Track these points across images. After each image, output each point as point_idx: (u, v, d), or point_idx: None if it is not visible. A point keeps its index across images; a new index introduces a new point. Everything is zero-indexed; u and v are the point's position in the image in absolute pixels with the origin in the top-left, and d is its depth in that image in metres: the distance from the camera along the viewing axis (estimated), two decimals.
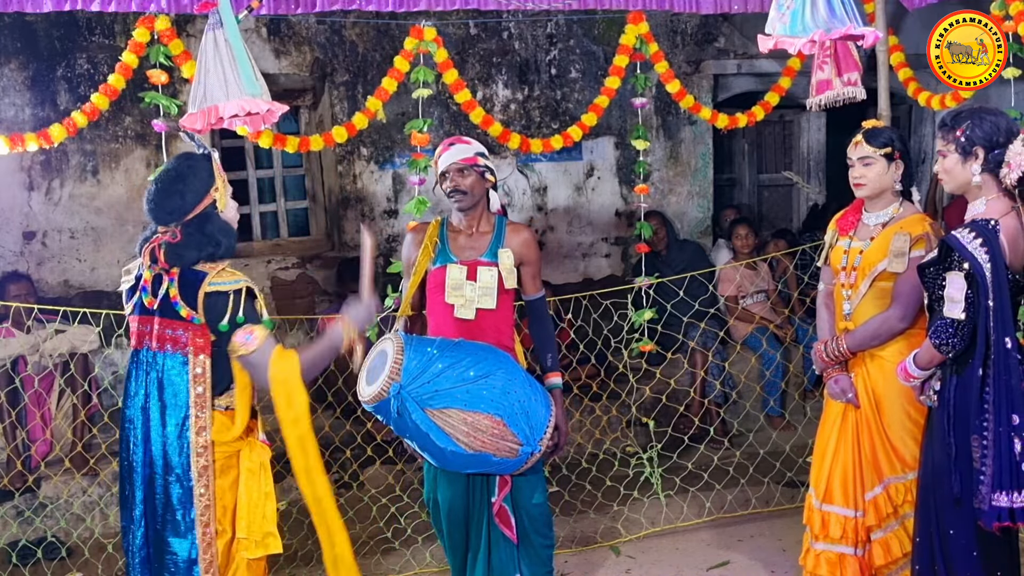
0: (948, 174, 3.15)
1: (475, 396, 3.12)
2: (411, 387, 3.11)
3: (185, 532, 2.83)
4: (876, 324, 3.47)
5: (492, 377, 3.17)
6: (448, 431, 3.13)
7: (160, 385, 2.85)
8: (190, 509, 2.82)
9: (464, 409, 3.12)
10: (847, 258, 3.58)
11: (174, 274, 2.82)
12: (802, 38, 3.35)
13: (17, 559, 4.75)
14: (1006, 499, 2.90)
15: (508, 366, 3.27)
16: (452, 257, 3.55)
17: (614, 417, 5.80)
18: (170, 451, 2.82)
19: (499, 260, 3.51)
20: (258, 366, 2.83)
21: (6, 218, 5.90)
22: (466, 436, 3.13)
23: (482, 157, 3.53)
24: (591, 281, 7.16)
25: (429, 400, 3.12)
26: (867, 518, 3.54)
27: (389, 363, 3.12)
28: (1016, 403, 2.91)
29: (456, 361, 3.16)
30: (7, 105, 5.81)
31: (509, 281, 3.52)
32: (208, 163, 2.94)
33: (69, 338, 5.10)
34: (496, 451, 3.17)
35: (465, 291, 3.49)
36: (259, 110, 3.35)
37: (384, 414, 3.18)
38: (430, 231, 3.60)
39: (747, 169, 8.17)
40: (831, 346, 3.57)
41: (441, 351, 3.19)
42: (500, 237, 3.56)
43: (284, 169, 6.89)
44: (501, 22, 6.82)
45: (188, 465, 2.82)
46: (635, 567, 4.56)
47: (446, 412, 3.12)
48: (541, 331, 3.64)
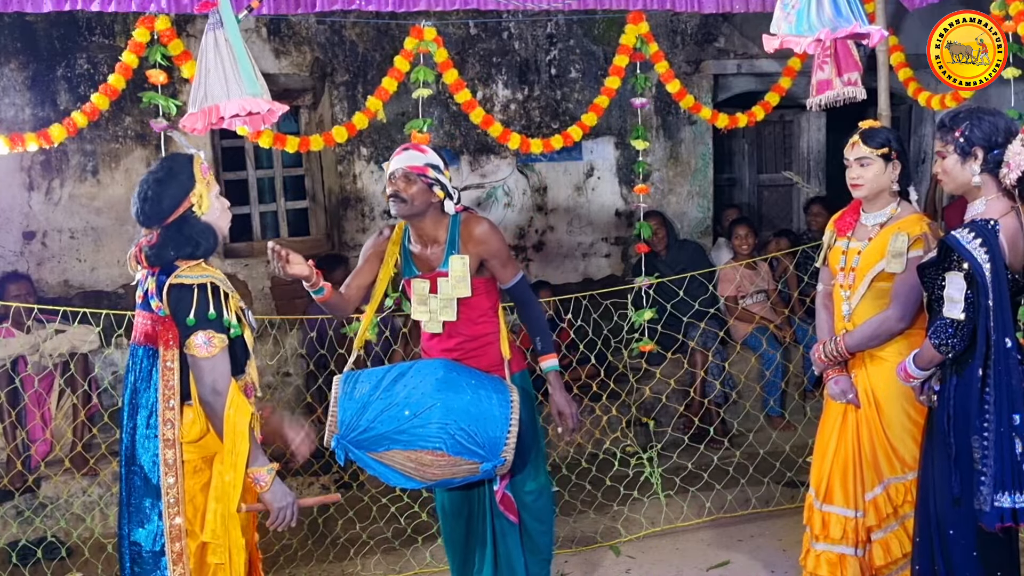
0: (947, 175, 3.15)
1: (413, 436, 3.21)
2: (350, 436, 3.22)
3: (148, 523, 2.81)
4: (875, 324, 3.46)
5: (430, 411, 3.22)
6: (398, 469, 3.25)
7: (135, 379, 2.87)
8: (157, 502, 2.80)
9: (405, 449, 3.22)
10: (845, 259, 3.58)
11: (156, 270, 2.84)
12: (808, 37, 3.34)
13: (17, 559, 4.75)
14: (1008, 500, 2.90)
15: (449, 391, 3.26)
16: (415, 270, 3.53)
17: (614, 417, 5.80)
18: (138, 442, 2.83)
19: (450, 269, 3.44)
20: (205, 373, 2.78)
21: (6, 218, 5.90)
22: (416, 471, 3.25)
23: (434, 169, 3.42)
24: (591, 281, 7.16)
25: (371, 445, 3.23)
26: (867, 518, 3.54)
27: (329, 413, 3.24)
28: (1017, 403, 2.91)
29: (390, 403, 3.23)
30: (7, 105, 5.81)
31: (461, 290, 3.44)
32: (190, 165, 2.90)
33: (69, 338, 5.10)
34: (453, 475, 3.28)
35: (430, 304, 3.48)
36: (260, 110, 3.35)
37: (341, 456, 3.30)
38: (394, 237, 3.56)
39: (747, 169, 8.17)
40: (830, 347, 3.57)
41: (377, 390, 3.26)
42: (454, 243, 3.47)
43: (284, 169, 6.89)
44: (501, 22, 6.82)
45: (156, 457, 2.80)
46: (635, 567, 4.56)
47: (389, 454, 3.23)
48: (528, 315, 3.60)
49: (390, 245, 3.56)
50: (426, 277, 3.49)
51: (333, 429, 3.22)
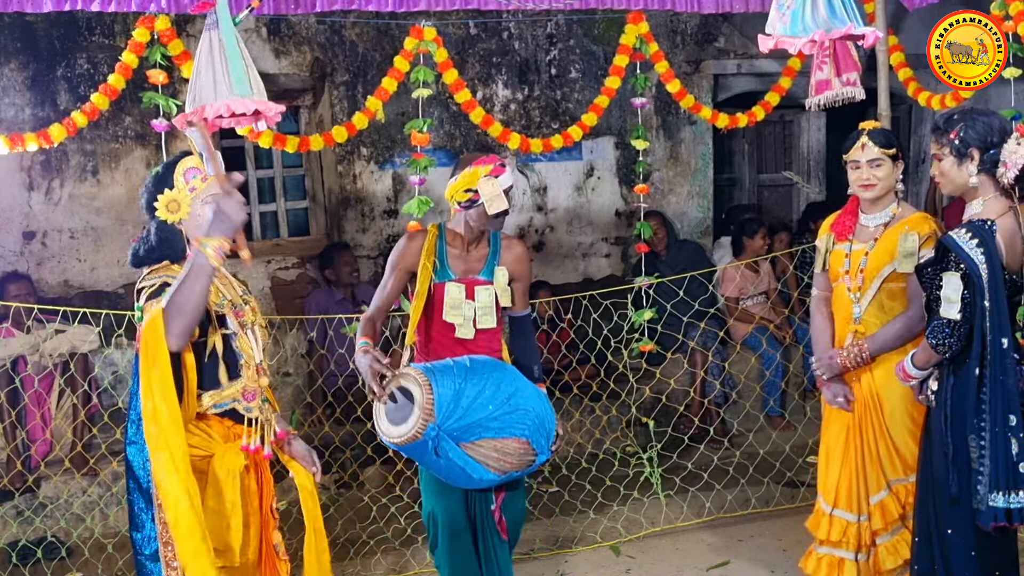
0: (945, 177, 3.15)
1: (504, 423, 3.18)
2: (447, 425, 3.12)
3: (141, 527, 2.79)
4: (898, 326, 3.42)
5: (514, 399, 3.21)
6: (480, 460, 3.18)
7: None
8: (149, 505, 2.76)
9: (495, 437, 3.17)
10: (850, 262, 3.54)
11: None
12: (803, 38, 3.34)
13: (17, 559, 4.75)
14: (1003, 499, 2.90)
15: (520, 381, 3.30)
16: (450, 274, 3.49)
17: (614, 417, 5.80)
18: (127, 447, 2.80)
19: (495, 279, 3.48)
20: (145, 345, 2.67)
21: (6, 218, 5.90)
22: (496, 461, 3.19)
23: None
24: (591, 281, 7.16)
25: (463, 435, 3.15)
26: (873, 522, 3.53)
27: (421, 402, 3.11)
28: (1013, 404, 2.92)
29: (481, 389, 3.18)
30: (7, 105, 5.81)
31: (504, 300, 3.50)
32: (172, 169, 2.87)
33: (69, 338, 5.10)
34: (520, 467, 3.25)
35: (464, 310, 3.45)
36: (245, 110, 3.31)
37: (413, 451, 3.19)
38: (428, 245, 3.50)
39: (747, 169, 8.17)
40: (854, 351, 3.49)
41: (464, 379, 3.19)
42: (496, 254, 3.53)
43: (284, 169, 6.89)
44: (501, 22, 6.82)
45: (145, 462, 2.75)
46: (635, 567, 4.56)
47: (479, 443, 3.17)
48: (527, 347, 3.66)
49: (424, 257, 3.50)
50: (463, 282, 3.47)
51: (430, 417, 3.09)
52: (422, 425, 3.09)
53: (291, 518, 4.87)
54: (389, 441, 3.19)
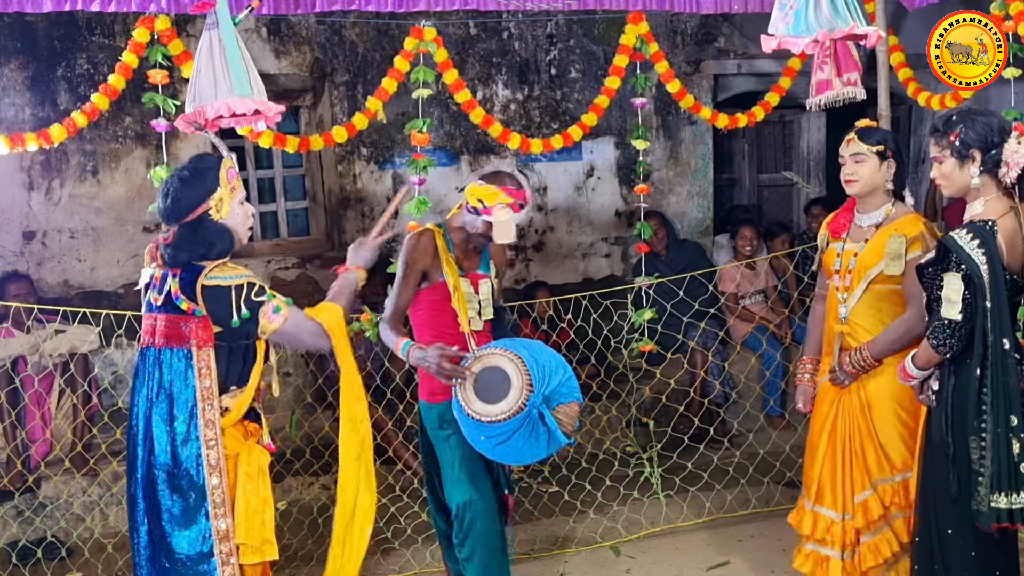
0: (946, 179, 3.14)
1: (569, 388, 3.37)
2: (545, 392, 3.29)
3: (193, 526, 2.82)
4: (897, 328, 3.42)
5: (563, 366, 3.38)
6: (559, 425, 3.35)
7: (163, 382, 2.86)
8: (203, 503, 2.81)
9: (566, 403, 3.36)
10: (840, 261, 3.57)
11: (176, 271, 2.85)
12: (806, 38, 3.34)
13: (17, 559, 4.75)
14: (1004, 500, 2.90)
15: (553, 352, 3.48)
16: (461, 270, 3.64)
17: (614, 417, 5.80)
18: (178, 446, 2.82)
19: (491, 272, 3.72)
20: (293, 334, 2.94)
21: (6, 218, 5.90)
22: (566, 426, 3.36)
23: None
24: (591, 281, 7.17)
25: (552, 400, 3.32)
26: (856, 521, 3.53)
27: (519, 375, 3.25)
28: (1014, 404, 2.91)
29: (545, 360, 3.34)
30: (7, 105, 5.82)
31: (497, 291, 3.75)
32: (217, 169, 2.94)
33: (69, 338, 5.10)
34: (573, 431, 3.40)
35: (474, 304, 3.62)
36: (245, 110, 3.32)
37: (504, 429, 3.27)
38: (441, 245, 3.60)
39: (747, 169, 8.17)
40: (855, 356, 3.49)
41: (528, 351, 3.35)
42: (486, 250, 3.74)
43: (284, 169, 6.89)
44: (501, 22, 6.82)
45: (198, 459, 2.82)
46: (635, 567, 4.56)
47: (557, 409, 3.34)
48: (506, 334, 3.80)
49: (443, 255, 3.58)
50: (469, 277, 3.65)
51: (531, 387, 3.24)
52: (526, 396, 3.23)
53: (291, 518, 4.88)
54: (488, 421, 3.27)
